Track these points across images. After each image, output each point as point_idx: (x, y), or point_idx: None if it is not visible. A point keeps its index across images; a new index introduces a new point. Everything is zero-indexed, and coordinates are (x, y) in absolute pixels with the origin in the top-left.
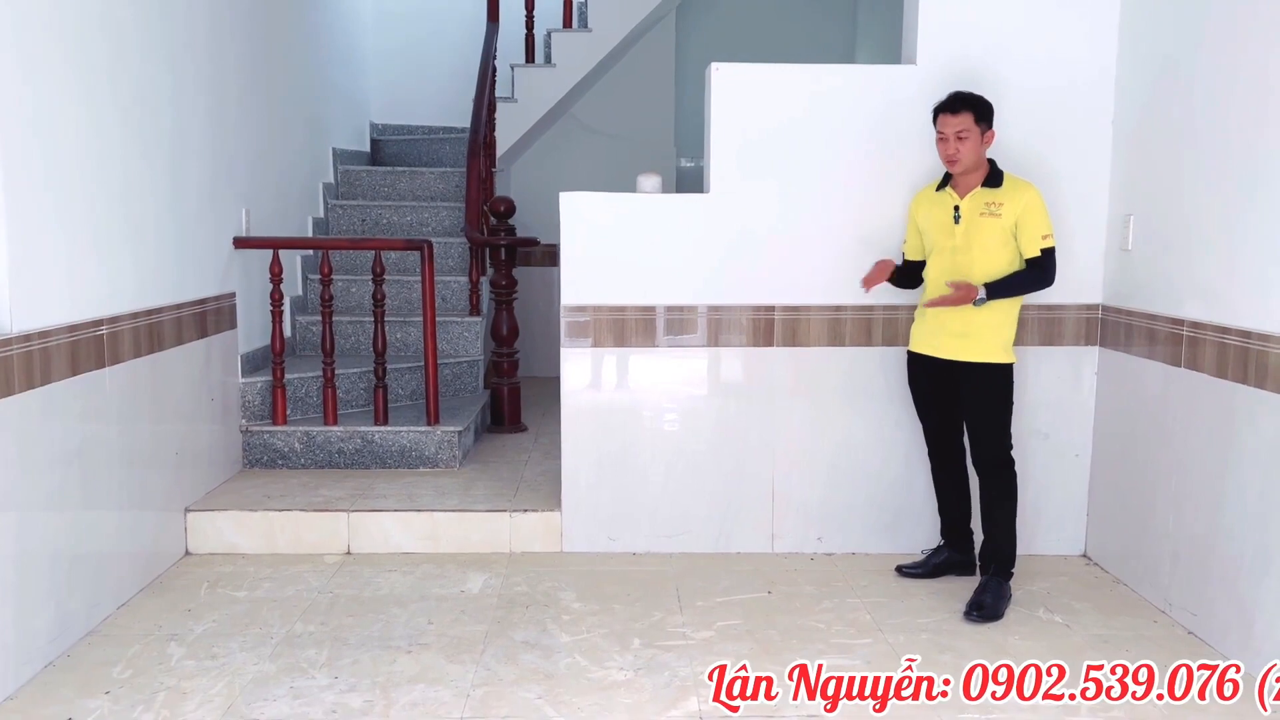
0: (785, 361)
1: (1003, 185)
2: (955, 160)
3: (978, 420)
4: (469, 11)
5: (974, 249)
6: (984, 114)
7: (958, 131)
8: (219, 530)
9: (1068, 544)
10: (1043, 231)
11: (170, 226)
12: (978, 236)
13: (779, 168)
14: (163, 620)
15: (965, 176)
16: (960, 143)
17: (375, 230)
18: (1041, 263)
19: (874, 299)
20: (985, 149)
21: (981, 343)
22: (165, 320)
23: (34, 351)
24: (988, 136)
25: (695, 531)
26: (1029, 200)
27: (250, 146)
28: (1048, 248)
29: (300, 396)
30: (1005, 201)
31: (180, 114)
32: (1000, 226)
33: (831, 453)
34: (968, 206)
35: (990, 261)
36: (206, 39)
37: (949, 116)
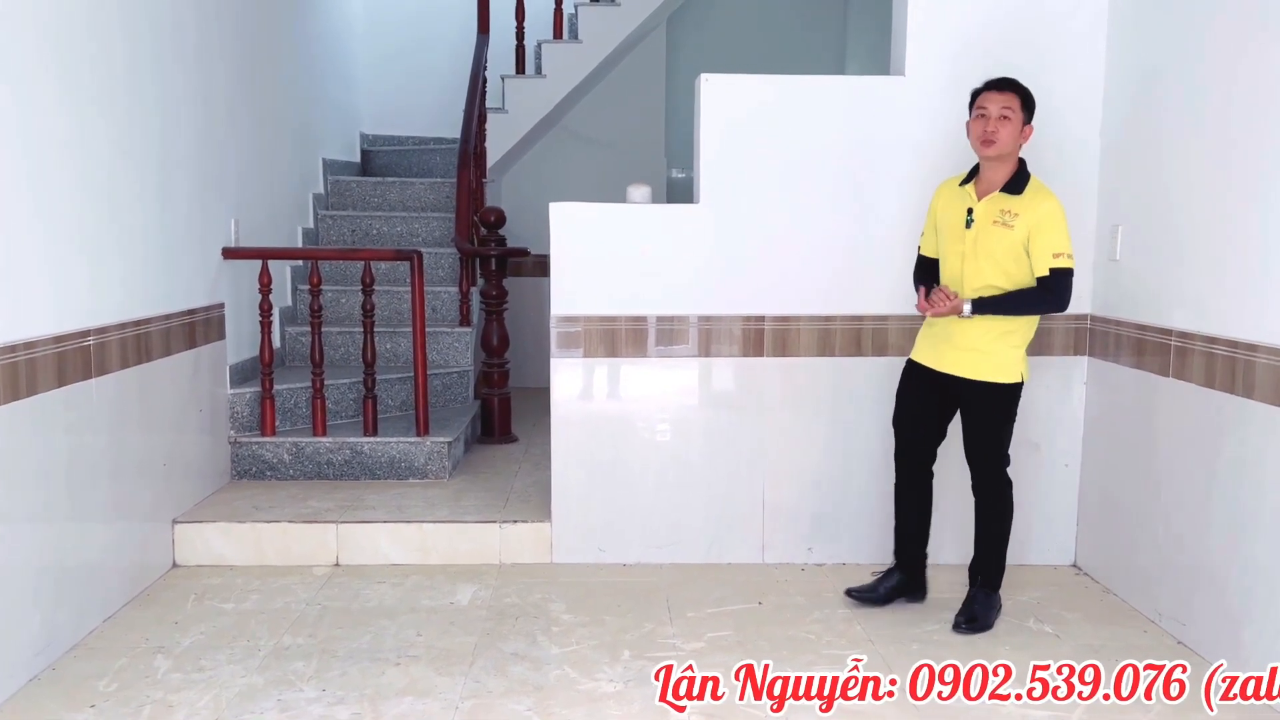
0: (775, 372)
1: (1023, 193)
2: (991, 141)
3: (979, 440)
4: (459, 23)
5: (981, 259)
6: (1029, 103)
7: (1003, 108)
8: (207, 542)
9: (1058, 554)
10: (1055, 249)
11: (158, 237)
12: (986, 246)
13: (769, 178)
14: (150, 633)
15: (991, 173)
16: (1001, 123)
17: (365, 241)
18: (1050, 284)
19: (864, 309)
20: (1023, 140)
21: (990, 360)
22: (153, 331)
23: (19, 362)
24: (1026, 130)
25: (686, 542)
26: (1046, 213)
27: (240, 157)
28: (1059, 268)
29: (289, 407)
30: (1021, 212)
31: (169, 125)
32: (1012, 239)
33: (822, 463)
34: (982, 211)
35: (999, 275)
36: (195, 49)
37: (994, 93)
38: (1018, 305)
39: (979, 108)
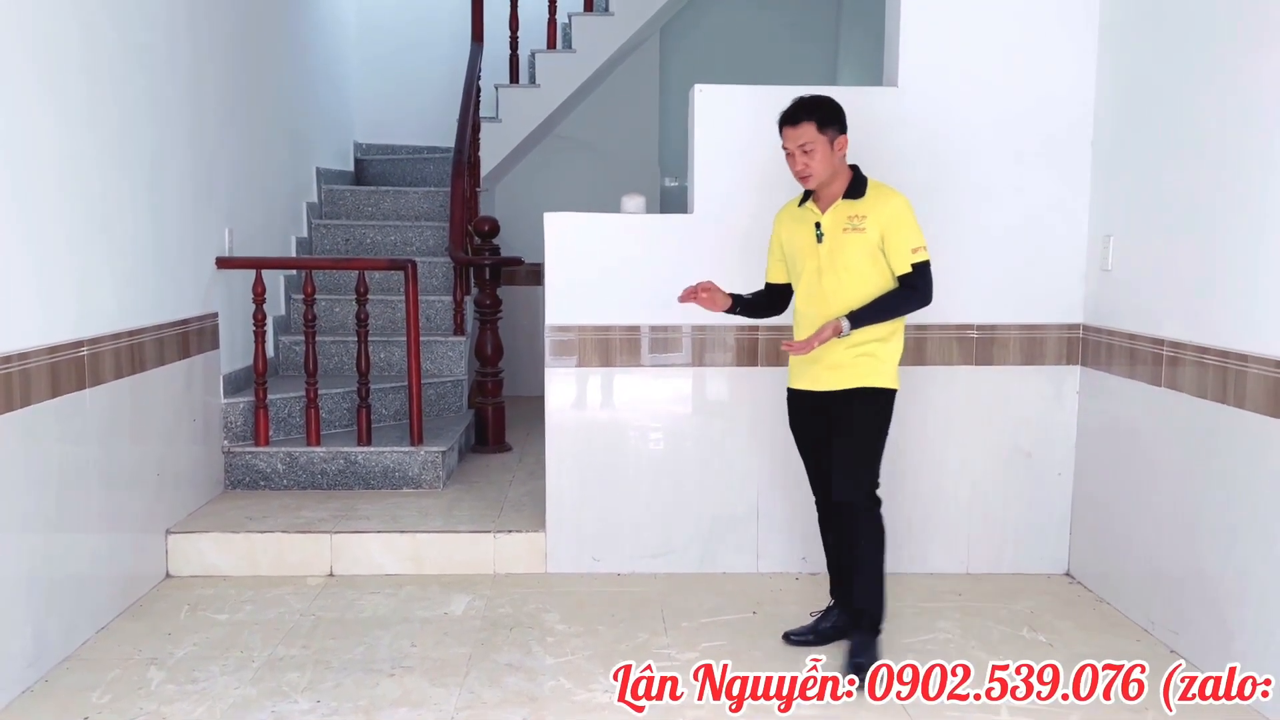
0: (769, 381)
1: (865, 195)
2: (807, 176)
3: (842, 448)
4: (453, 32)
5: (840, 270)
6: (828, 119)
7: (801, 145)
8: (200, 552)
9: (1050, 563)
10: (912, 244)
11: (151, 247)
12: (842, 255)
13: (763, 188)
14: (143, 644)
15: (826, 190)
16: (808, 156)
17: (359, 250)
18: (913, 280)
19: None
20: (839, 155)
21: (859, 368)
22: (147, 341)
23: (13, 373)
24: (839, 142)
25: (680, 551)
26: (893, 210)
27: (233, 166)
28: (919, 262)
29: (283, 417)
30: (869, 214)
31: (161, 135)
32: (865, 242)
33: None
34: (829, 222)
35: (859, 283)
36: (188, 58)
37: (789, 129)
38: (890, 308)
39: (784, 147)
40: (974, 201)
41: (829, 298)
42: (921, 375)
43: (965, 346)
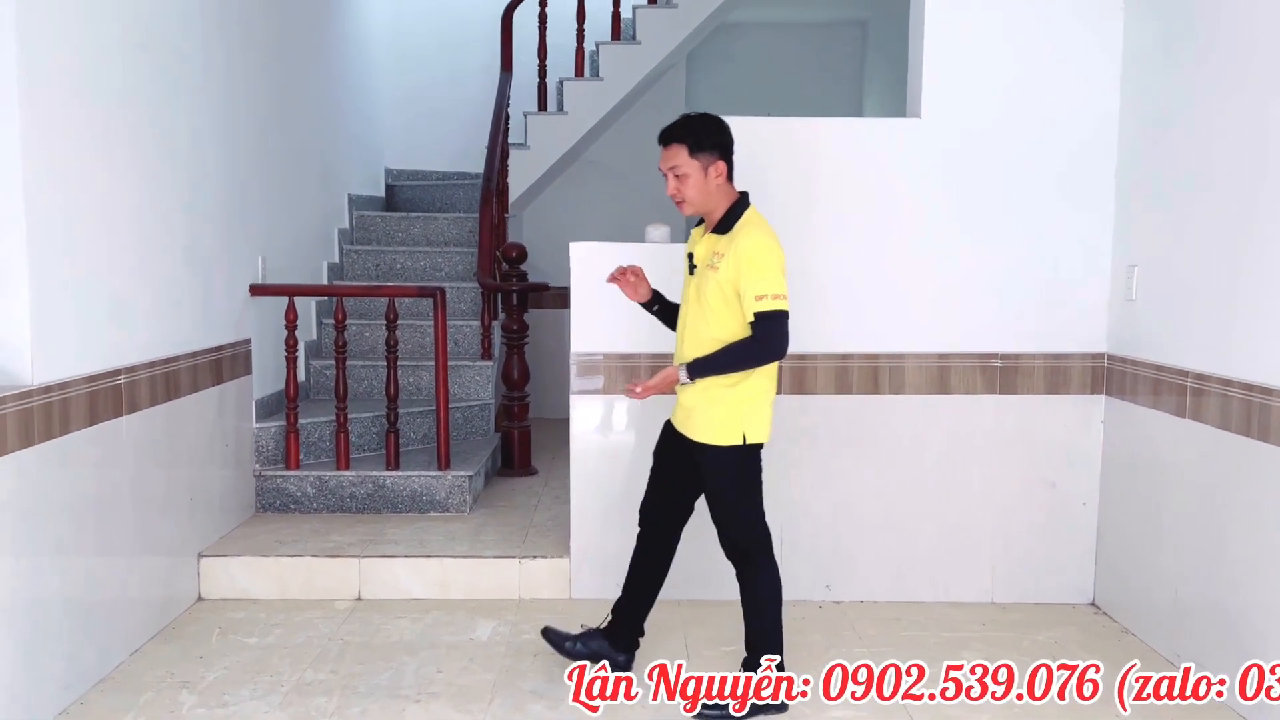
0: (792, 409)
1: (730, 231)
2: (680, 202)
3: (713, 506)
4: (483, 61)
5: (702, 306)
6: (701, 143)
7: (672, 168)
8: (231, 576)
9: (1075, 593)
10: (758, 290)
11: (186, 277)
12: (704, 292)
13: (783, 219)
14: (175, 667)
15: (709, 217)
16: (679, 181)
17: (390, 275)
18: (755, 330)
19: (880, 348)
20: (715, 183)
21: (706, 418)
22: (181, 368)
23: (54, 402)
24: (715, 169)
25: (703, 578)
26: (743, 250)
27: (266, 195)
28: (764, 311)
29: (313, 441)
30: (726, 252)
31: (197, 167)
32: (719, 281)
33: (838, 500)
34: (700, 255)
35: (715, 323)
36: (222, 89)
37: (662, 149)
38: (730, 361)
39: (659, 168)
40: (997, 231)
41: (686, 333)
42: (945, 404)
43: (989, 375)
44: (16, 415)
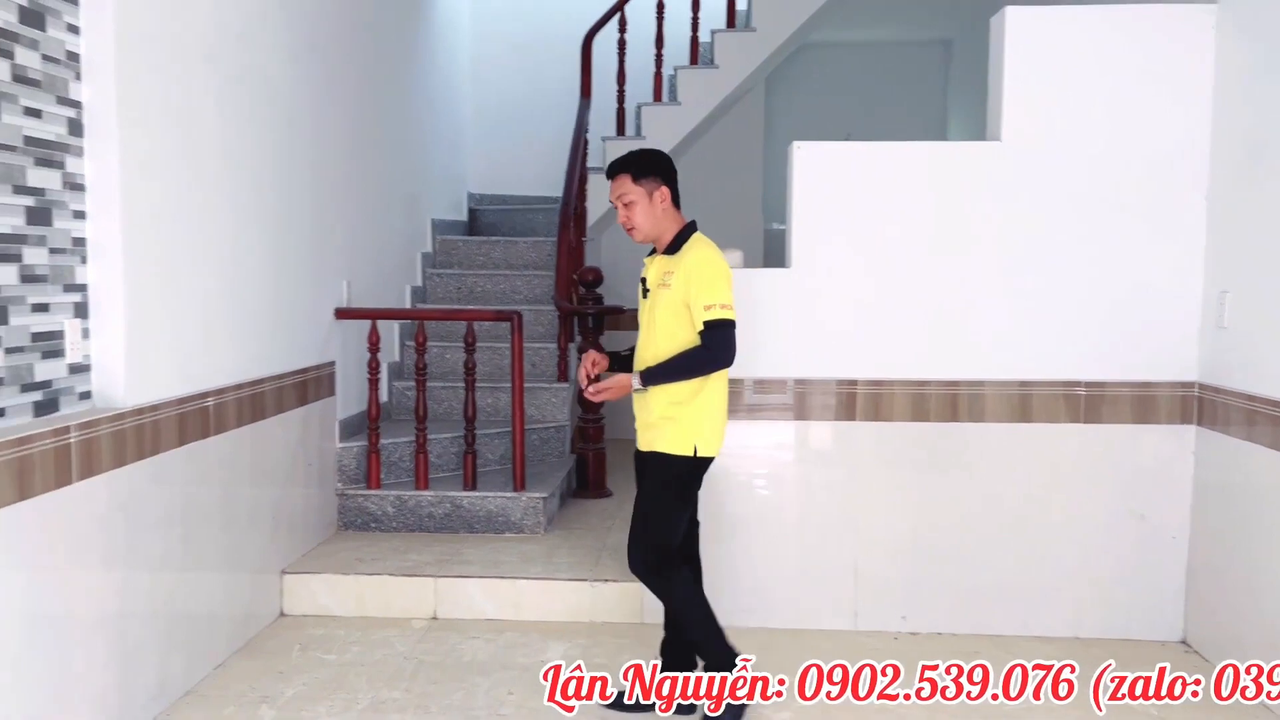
0: (868, 436)
1: (680, 251)
2: (630, 229)
3: (637, 510)
4: (563, 87)
5: (655, 327)
6: (645, 171)
7: (619, 197)
8: (312, 593)
9: (1165, 629)
10: (706, 300)
11: (274, 302)
12: (657, 312)
13: (861, 243)
14: (256, 682)
15: (659, 243)
16: (628, 209)
17: (470, 298)
18: (705, 338)
19: (959, 374)
20: (661, 208)
21: (663, 431)
22: (267, 390)
23: (145, 424)
24: (659, 194)
25: (775, 606)
26: (693, 263)
27: (352, 222)
28: (713, 320)
29: (394, 461)
30: (677, 269)
31: (285, 194)
32: (672, 299)
33: (915, 529)
34: (652, 277)
35: (667, 341)
36: (311, 120)
37: (610, 183)
38: (681, 368)
39: (610, 200)
40: (1081, 256)
41: (643, 353)
42: (1025, 433)
43: (1072, 404)
44: (110, 436)
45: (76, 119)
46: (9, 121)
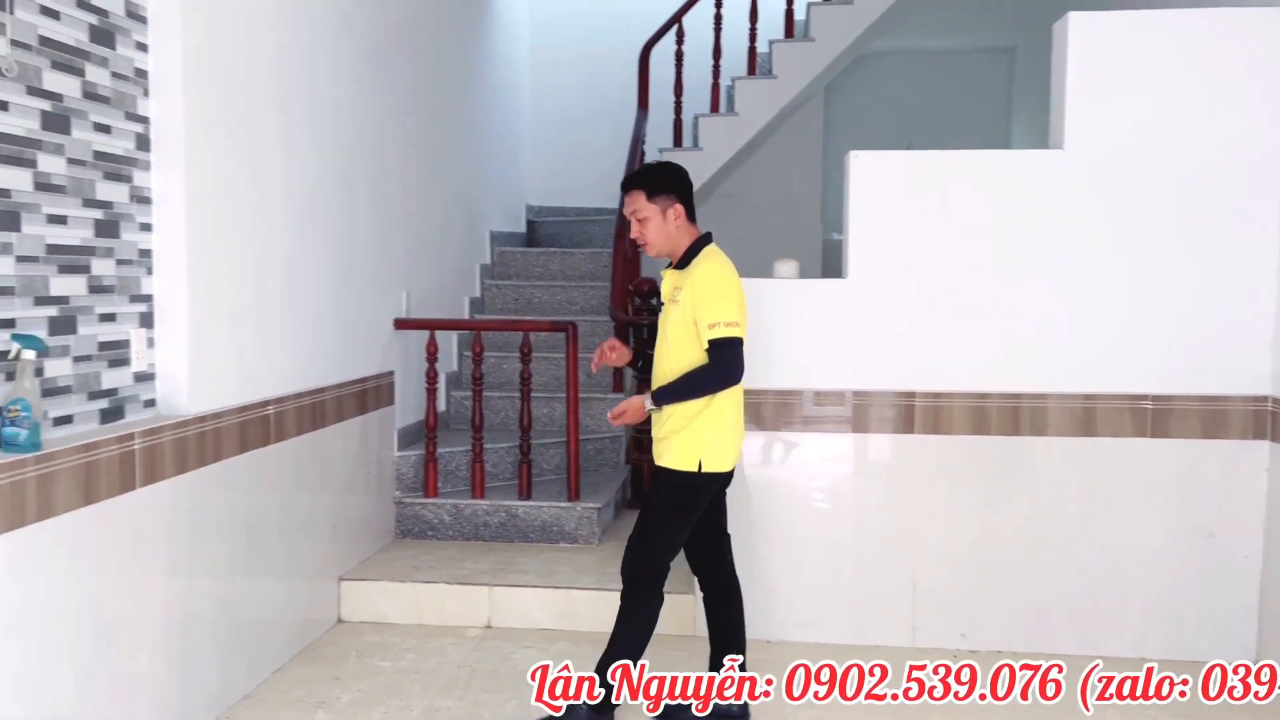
0: (927, 449)
1: (689, 266)
2: (643, 245)
3: (637, 524)
4: (621, 99)
5: (667, 342)
6: (657, 188)
7: (633, 213)
8: (370, 599)
9: (1237, 650)
10: (709, 319)
11: (334, 312)
12: (667, 327)
13: (919, 252)
14: (313, 687)
15: (674, 257)
16: (641, 225)
17: (528, 309)
18: (712, 357)
19: (1021, 386)
20: (675, 224)
21: (670, 446)
22: (327, 399)
23: (207, 432)
24: (673, 211)
25: (831, 621)
26: (698, 280)
27: (413, 234)
28: (717, 338)
29: (451, 469)
30: (684, 285)
31: (346, 208)
32: (681, 315)
33: (975, 545)
34: (665, 291)
35: (678, 356)
36: (373, 134)
37: (624, 196)
38: (690, 387)
39: (623, 214)
40: (1147, 266)
41: (657, 368)
42: (1089, 447)
43: (1138, 418)
44: (173, 443)
45: (144, 134)
46: (79, 137)
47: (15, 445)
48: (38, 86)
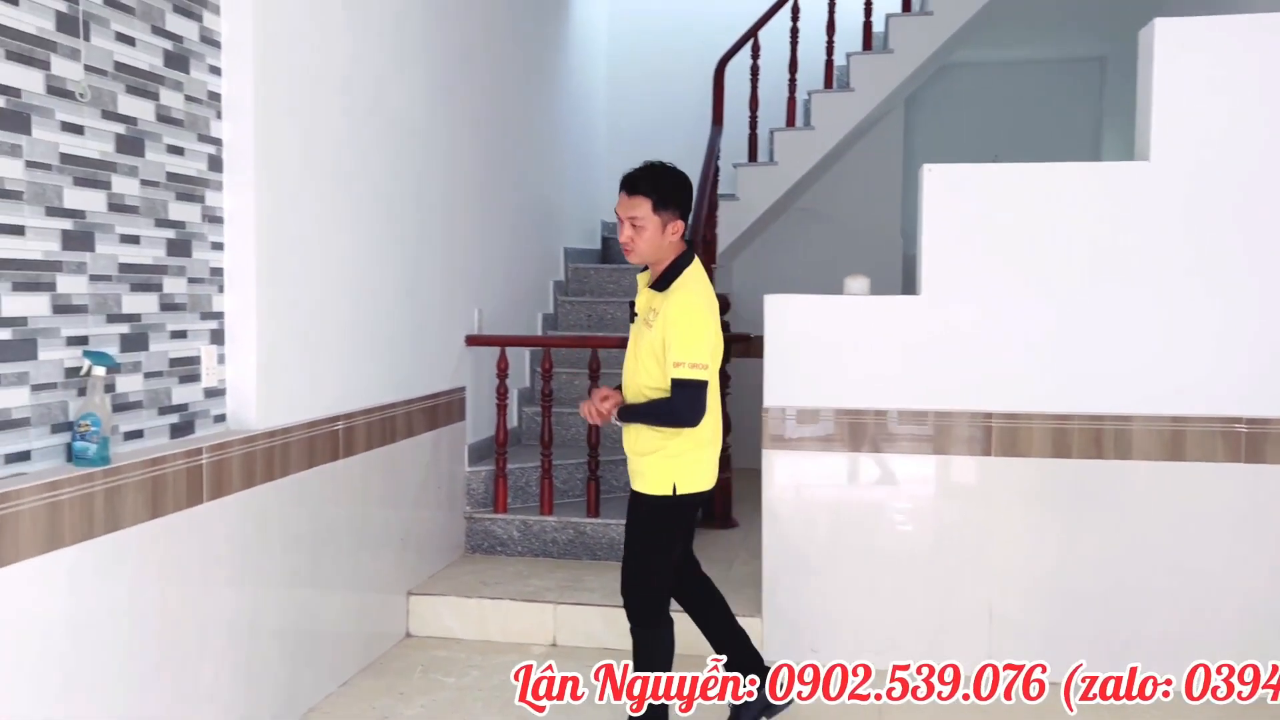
0: (1003, 472)
1: (669, 289)
2: (629, 250)
3: (625, 554)
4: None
5: (638, 357)
6: (667, 200)
7: (632, 218)
8: (437, 614)
9: None
10: (677, 358)
11: (405, 329)
12: (640, 346)
13: (996, 269)
14: (378, 701)
15: (654, 268)
16: (635, 232)
17: (601, 325)
18: (674, 394)
19: (1105, 408)
20: (669, 239)
21: (642, 471)
22: (398, 415)
23: (275, 447)
24: (673, 227)
25: (902, 648)
26: (672, 314)
27: (486, 252)
28: (679, 379)
29: (521, 485)
30: (660, 311)
31: (419, 225)
32: (651, 339)
33: (1056, 572)
34: (641, 307)
35: (646, 375)
36: (446, 153)
37: (625, 197)
38: (650, 416)
39: (617, 211)
40: (1240, 282)
41: (627, 386)
42: (1177, 472)
43: (1231, 441)
44: (241, 458)
45: (217, 155)
46: (152, 159)
47: (84, 459)
48: (113, 110)
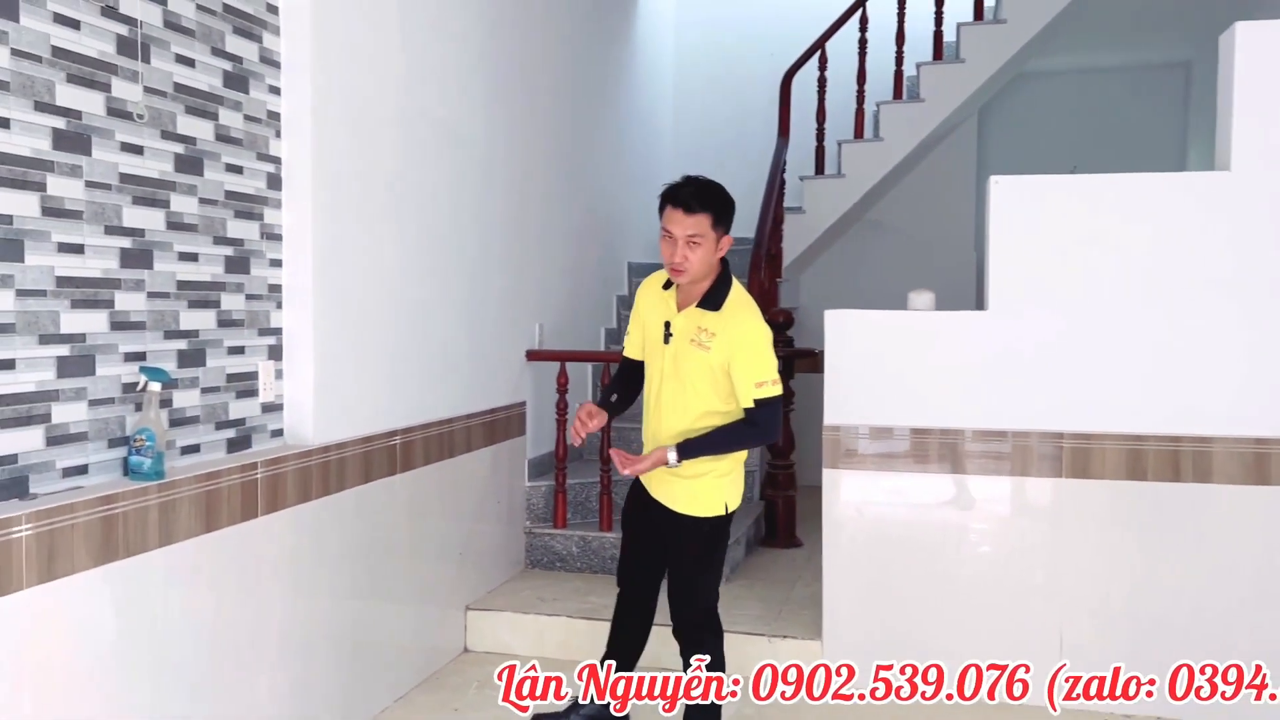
0: (1074, 494)
1: (721, 309)
2: (681, 270)
3: (676, 576)
4: (761, 128)
5: (684, 380)
6: (724, 215)
7: (690, 236)
8: (495, 630)
9: None
10: (758, 378)
11: (465, 344)
12: (686, 368)
13: (1067, 283)
14: (433, 717)
15: (692, 286)
16: (691, 249)
17: None
18: (755, 417)
19: (1182, 428)
20: (718, 257)
21: (690, 490)
22: (456, 429)
23: (331, 461)
24: (724, 243)
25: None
26: (742, 336)
27: (549, 267)
28: (764, 398)
29: (580, 500)
30: (719, 332)
31: (481, 242)
32: (709, 363)
33: (1130, 600)
34: (680, 326)
35: (698, 401)
36: (508, 172)
37: (681, 215)
38: (724, 443)
39: (665, 228)
40: None
41: (665, 409)
42: (1262, 497)
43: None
44: (296, 472)
45: (275, 173)
46: (211, 177)
47: (140, 473)
48: (172, 130)
